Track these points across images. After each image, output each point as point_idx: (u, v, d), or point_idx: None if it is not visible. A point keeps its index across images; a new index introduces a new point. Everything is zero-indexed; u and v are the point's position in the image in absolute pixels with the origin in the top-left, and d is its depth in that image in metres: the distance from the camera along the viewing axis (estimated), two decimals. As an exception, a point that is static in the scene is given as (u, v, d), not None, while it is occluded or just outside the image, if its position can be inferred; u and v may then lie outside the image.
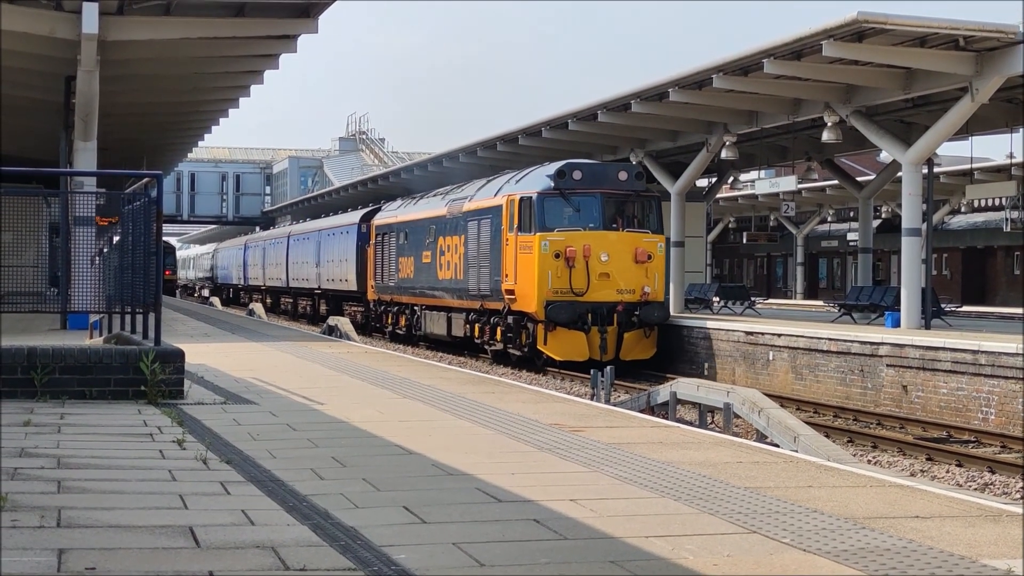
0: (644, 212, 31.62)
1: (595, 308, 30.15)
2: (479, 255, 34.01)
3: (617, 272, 30.55)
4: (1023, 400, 21.25)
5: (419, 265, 40.02)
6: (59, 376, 14.00)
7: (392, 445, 10.98)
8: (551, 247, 30.16)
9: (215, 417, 12.77)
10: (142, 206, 18.65)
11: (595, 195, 30.84)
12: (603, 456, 10.51)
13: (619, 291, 30.55)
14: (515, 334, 31.83)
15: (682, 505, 8.28)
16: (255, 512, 7.78)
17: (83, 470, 9.26)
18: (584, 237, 30.36)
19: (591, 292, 30.27)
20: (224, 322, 39.21)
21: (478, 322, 34.59)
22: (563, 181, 30.73)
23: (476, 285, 34.19)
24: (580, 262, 30.21)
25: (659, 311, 31.07)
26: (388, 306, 44.54)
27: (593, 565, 6.52)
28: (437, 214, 38.63)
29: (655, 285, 31.07)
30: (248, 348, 25.45)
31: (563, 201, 30.75)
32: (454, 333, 36.82)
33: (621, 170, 31.72)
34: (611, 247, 30.57)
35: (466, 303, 35.29)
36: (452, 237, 36.67)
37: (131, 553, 6.58)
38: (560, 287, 30.15)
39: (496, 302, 32.75)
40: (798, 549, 6.97)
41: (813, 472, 9.99)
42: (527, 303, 30.72)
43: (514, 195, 31.68)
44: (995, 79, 26.64)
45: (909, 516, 8.05)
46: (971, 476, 17.71)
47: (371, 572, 6.27)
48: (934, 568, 6.55)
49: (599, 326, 30.11)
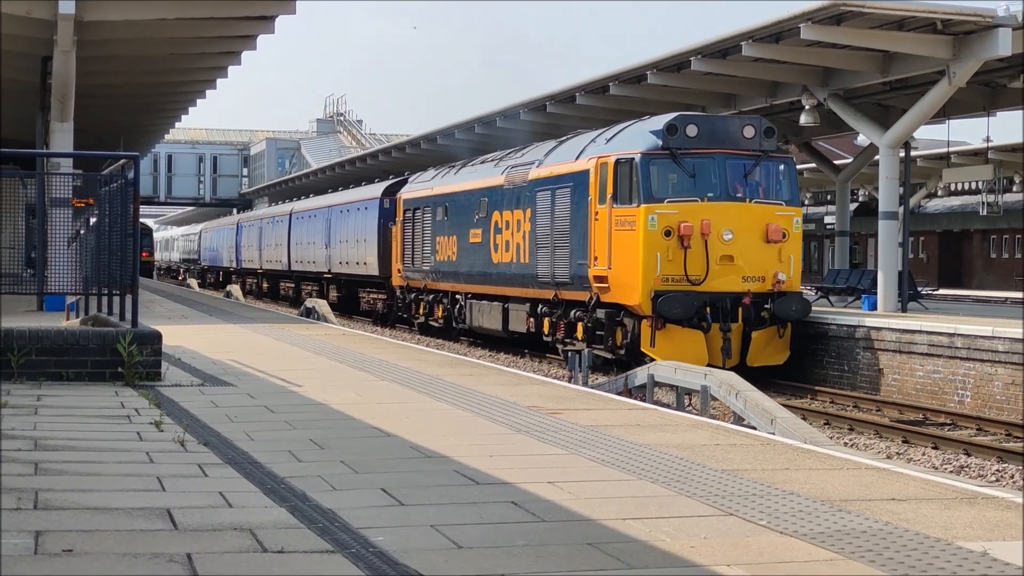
0: (776, 178, 25.37)
1: (716, 300, 24.03)
2: (554, 233, 27.79)
3: (743, 254, 24.37)
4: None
5: (465, 246, 33.81)
6: (36, 358, 13.97)
7: (370, 427, 10.99)
8: (660, 222, 24.01)
9: (192, 399, 12.76)
10: (119, 187, 18.61)
11: (715, 156, 24.63)
12: (581, 438, 10.53)
13: (745, 278, 24.35)
14: (607, 332, 25.52)
15: (659, 487, 8.30)
16: (233, 494, 7.77)
17: (60, 452, 9.25)
18: (702, 210, 24.15)
19: (710, 280, 24.08)
20: (202, 304, 39.16)
21: (549, 315, 28.45)
22: (674, 139, 24.49)
23: (549, 270, 27.97)
24: (697, 242, 23.98)
25: (798, 304, 24.81)
26: (420, 293, 38.14)
27: (570, 547, 6.53)
28: (490, 184, 32.42)
29: (790, 271, 24.74)
30: (226, 330, 25.41)
31: (674, 164, 24.55)
32: (512, 328, 30.76)
33: (747, 124, 25.25)
34: (736, 222, 24.31)
35: (532, 292, 29.24)
36: (513, 211, 30.43)
37: (108, 535, 6.57)
38: (672, 273, 23.99)
39: (578, 291, 26.61)
40: (774, 531, 6.99)
41: (790, 454, 10.02)
42: (626, 293, 24.63)
43: (607, 157, 25.42)
44: (972, 63, 26.71)
45: (885, 498, 8.08)
46: (947, 459, 17.78)
47: (349, 554, 6.27)
48: (910, 550, 6.58)
49: (721, 323, 24.03)
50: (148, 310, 26.96)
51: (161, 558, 6.11)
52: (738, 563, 6.24)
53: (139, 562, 6.03)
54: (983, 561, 6.37)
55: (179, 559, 6.09)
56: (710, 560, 6.29)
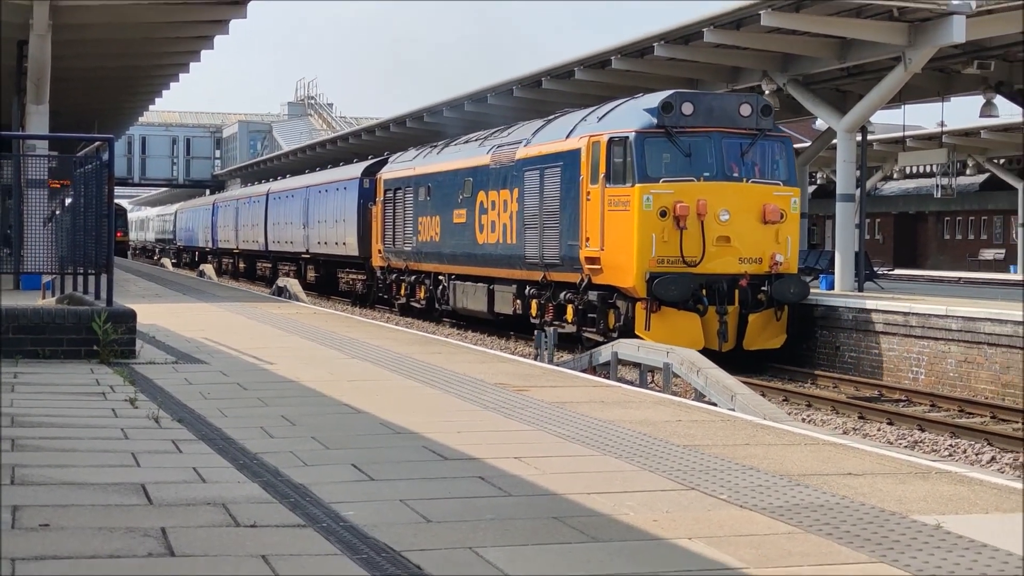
0: (774, 157, 24.20)
1: (712, 282, 23.05)
2: (543, 214, 26.66)
3: (739, 236, 23.37)
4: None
5: (448, 226, 32.59)
6: (12, 336, 13.92)
7: (341, 404, 10.97)
8: (655, 203, 22.94)
9: (166, 376, 12.72)
10: (94, 169, 18.55)
11: (712, 135, 23.57)
12: (547, 415, 10.54)
13: (741, 260, 23.34)
14: (599, 315, 24.61)
15: (623, 463, 8.32)
16: (206, 470, 7.76)
17: (37, 428, 9.20)
18: (698, 190, 23.10)
19: (706, 261, 23.06)
20: (175, 283, 39.02)
21: (537, 297, 27.38)
22: (670, 117, 23.33)
23: (538, 251, 26.85)
24: (693, 222, 22.92)
25: (796, 286, 23.76)
26: (401, 274, 37.12)
27: (536, 521, 6.54)
28: (475, 164, 31.14)
29: (788, 252, 23.76)
30: (199, 309, 25.34)
31: (669, 143, 23.39)
32: (498, 310, 29.74)
33: (744, 102, 24.14)
34: (732, 203, 23.31)
35: (519, 273, 28.13)
36: (500, 191, 29.22)
37: (84, 510, 6.55)
38: (667, 255, 22.94)
39: (568, 273, 25.60)
40: (735, 505, 7.01)
41: (749, 430, 10.06)
42: (620, 275, 23.55)
43: (599, 136, 24.24)
44: (927, 49, 26.79)
45: (842, 473, 8.11)
46: (901, 434, 17.87)
47: (320, 528, 6.26)
48: (866, 523, 6.61)
49: (717, 305, 23.05)
50: (123, 289, 26.83)
51: (136, 532, 6.09)
52: (699, 536, 6.26)
53: (114, 536, 6.01)
54: (937, 534, 6.40)
55: (154, 533, 6.07)
56: (672, 533, 6.31)
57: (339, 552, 5.82)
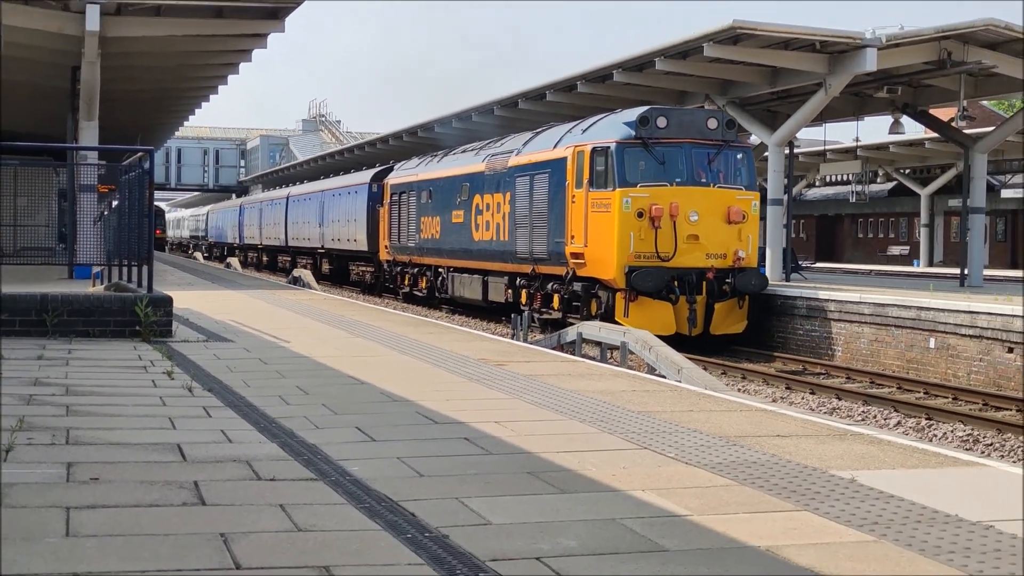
0: (736, 165, 23.86)
1: (683, 275, 22.66)
2: (532, 214, 26.29)
3: (707, 234, 23.02)
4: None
5: (448, 225, 32.06)
6: (67, 318, 13.88)
7: (347, 376, 10.95)
8: (633, 205, 22.62)
9: (198, 352, 12.68)
10: (136, 176, 18.47)
11: (682, 145, 23.20)
12: (522, 385, 10.53)
13: (709, 255, 22.99)
14: (583, 303, 24.23)
15: (586, 426, 8.32)
16: (232, 432, 7.74)
17: (88, 396, 9.17)
18: (671, 194, 22.78)
19: (678, 257, 22.72)
20: (206, 273, 38.89)
21: (527, 287, 26.93)
22: (646, 129, 23.02)
23: (527, 247, 26.47)
24: (666, 222, 22.57)
25: (756, 279, 23.42)
26: (405, 267, 36.55)
27: (513, 476, 6.54)
28: (472, 171, 30.73)
29: (749, 248, 23.43)
30: (226, 295, 25.25)
31: (646, 152, 23.06)
32: (491, 298, 29.14)
33: (710, 117, 23.94)
34: (701, 205, 22.95)
35: (510, 266, 27.69)
36: (493, 195, 28.84)
37: (128, 466, 6.53)
38: (644, 251, 22.64)
39: (555, 266, 25.17)
40: (681, 462, 7.02)
41: (693, 399, 10.07)
42: (602, 269, 23.25)
43: (584, 146, 23.94)
44: (844, 76, 26.89)
45: (771, 435, 8.13)
46: (821, 402, 17.94)
47: (329, 482, 6.26)
48: (792, 477, 6.63)
49: (687, 295, 22.70)
50: (161, 278, 26.71)
51: (172, 485, 6.08)
52: (651, 488, 6.27)
53: (154, 488, 6.00)
54: (851, 486, 6.43)
55: (187, 486, 6.06)
56: (628, 486, 6.32)
57: (345, 502, 5.82)
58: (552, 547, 5.07)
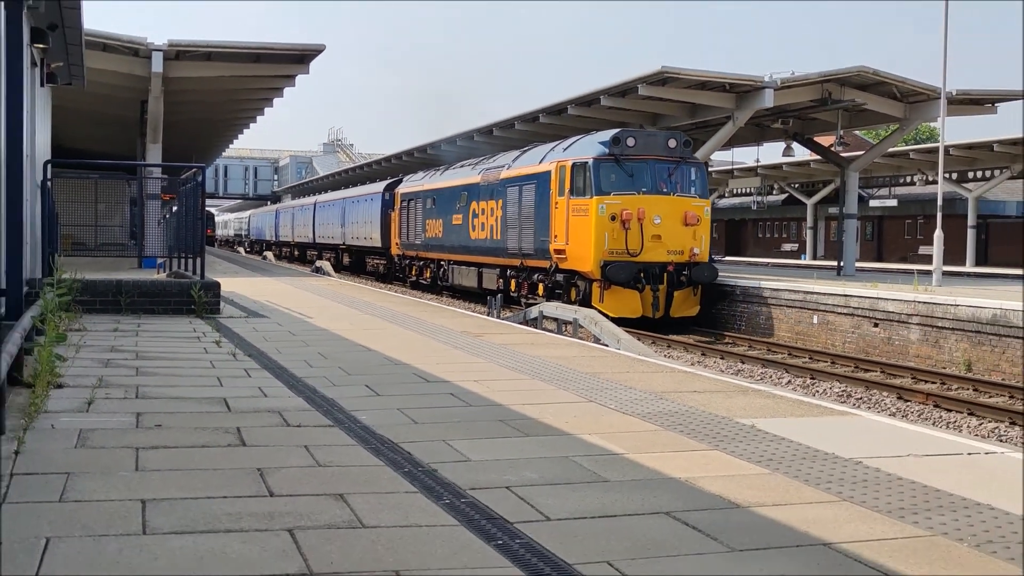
0: (691, 177, 23.28)
1: (648, 268, 22.25)
2: (521, 217, 25.56)
3: (668, 234, 22.49)
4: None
5: (449, 226, 31.24)
6: (137, 299, 13.82)
7: (358, 345, 10.92)
8: (608, 210, 22.17)
9: (240, 326, 12.62)
10: (191, 187, 18.39)
11: (648, 161, 22.74)
12: (496, 352, 10.53)
13: (669, 252, 22.50)
14: (564, 291, 23.69)
15: (545, 384, 8.33)
16: (267, 388, 7.71)
17: (153, 360, 9.12)
18: (638, 201, 22.30)
19: (644, 253, 22.27)
20: (247, 264, 38.65)
21: (516, 278, 26.29)
22: (618, 148, 22.56)
23: (517, 245, 25.79)
24: (635, 224, 22.13)
25: (708, 271, 22.83)
26: (413, 260, 35.57)
27: (488, 423, 6.54)
28: (469, 182, 29.83)
29: (702, 246, 23.07)
30: (263, 281, 25.12)
31: (617, 166, 22.56)
32: (485, 286, 28.33)
33: (671, 138, 23.24)
34: (663, 210, 22.46)
35: (502, 260, 26.92)
36: (488, 201, 28.05)
37: (186, 415, 6.51)
38: (616, 248, 22.17)
39: (540, 260, 24.57)
40: (619, 412, 7.04)
41: (629, 363, 10.09)
42: (581, 263, 22.66)
43: (565, 161, 23.44)
44: (748, 111, 26.90)
45: (690, 391, 8.16)
46: (729, 366, 17.99)
47: (343, 427, 6.25)
48: (705, 423, 6.66)
49: (652, 285, 22.29)
50: (211, 268, 26.57)
51: (220, 430, 6.06)
52: (596, 433, 6.29)
53: (205, 432, 5.98)
54: (752, 431, 6.46)
55: (232, 431, 6.04)
56: (578, 431, 6.33)
57: (356, 443, 5.81)
58: (519, 479, 5.08)
